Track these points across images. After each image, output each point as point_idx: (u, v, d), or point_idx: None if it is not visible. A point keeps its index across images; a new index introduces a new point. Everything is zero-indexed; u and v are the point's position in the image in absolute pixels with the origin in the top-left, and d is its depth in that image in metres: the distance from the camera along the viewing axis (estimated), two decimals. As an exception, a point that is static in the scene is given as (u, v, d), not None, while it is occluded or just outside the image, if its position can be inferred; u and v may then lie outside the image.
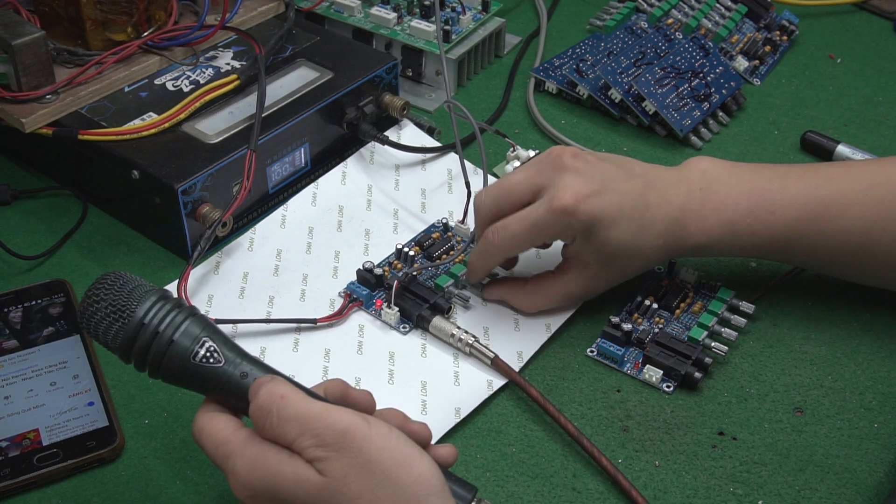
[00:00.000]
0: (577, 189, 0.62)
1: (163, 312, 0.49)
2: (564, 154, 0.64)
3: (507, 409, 0.63)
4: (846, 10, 1.07)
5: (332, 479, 0.45)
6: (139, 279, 0.51)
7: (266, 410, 0.47)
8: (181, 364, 0.49)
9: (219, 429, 0.49)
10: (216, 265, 0.71)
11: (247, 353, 0.51)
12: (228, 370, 0.50)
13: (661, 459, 0.60)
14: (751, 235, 0.65)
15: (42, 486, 0.57)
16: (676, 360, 0.64)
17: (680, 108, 0.85)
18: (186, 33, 0.79)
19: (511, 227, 0.64)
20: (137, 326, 0.49)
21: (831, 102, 0.92)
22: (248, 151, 0.71)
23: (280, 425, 0.47)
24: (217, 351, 0.50)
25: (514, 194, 0.64)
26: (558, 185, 0.62)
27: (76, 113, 0.74)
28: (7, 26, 0.71)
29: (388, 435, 0.47)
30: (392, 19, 0.90)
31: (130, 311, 0.49)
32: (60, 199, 0.78)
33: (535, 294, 0.68)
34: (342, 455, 0.46)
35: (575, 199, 0.62)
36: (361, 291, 0.69)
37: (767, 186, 0.65)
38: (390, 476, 0.46)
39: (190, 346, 0.49)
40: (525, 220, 0.63)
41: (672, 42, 0.91)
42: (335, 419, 0.46)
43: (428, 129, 0.83)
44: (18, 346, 0.64)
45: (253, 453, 0.47)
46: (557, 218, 0.62)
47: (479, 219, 0.66)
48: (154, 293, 0.50)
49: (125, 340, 0.49)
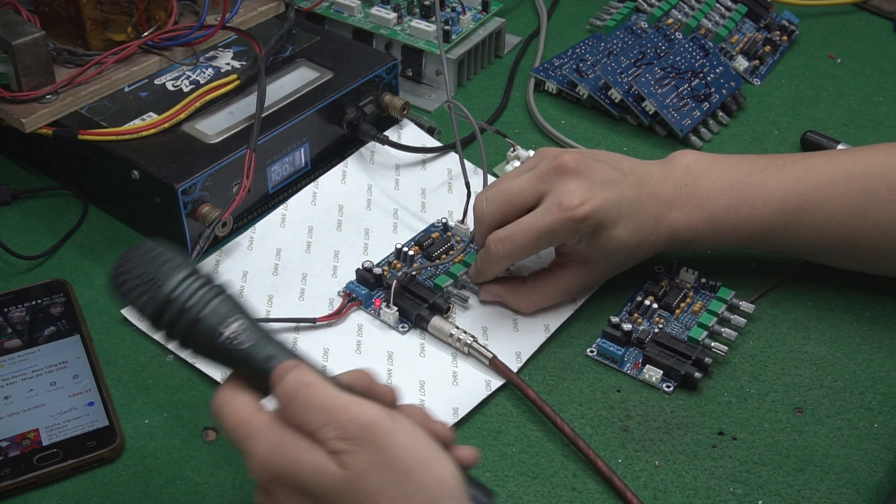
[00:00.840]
0: (582, 194, 0.63)
1: (191, 289, 0.48)
2: (565, 158, 0.64)
3: (506, 409, 0.63)
4: (846, 10, 1.07)
5: (352, 473, 0.45)
6: (174, 252, 0.50)
7: (291, 397, 0.46)
8: (207, 342, 0.48)
9: (240, 407, 0.48)
10: (216, 264, 0.71)
11: (274, 337, 0.50)
12: (253, 352, 0.48)
13: (660, 459, 0.60)
14: (732, 230, 0.67)
15: (42, 486, 0.57)
16: (676, 360, 0.64)
17: (680, 108, 0.85)
18: (186, 33, 0.79)
19: (517, 237, 0.64)
20: (164, 301, 0.48)
21: (831, 102, 0.92)
22: (247, 151, 0.71)
23: (304, 413, 0.46)
24: (243, 332, 0.48)
25: (517, 201, 0.64)
26: (562, 190, 0.63)
27: (76, 113, 0.74)
28: (7, 26, 0.71)
29: (413, 433, 0.46)
30: (392, 19, 0.90)
31: (158, 285, 0.48)
32: (60, 199, 0.78)
33: (534, 292, 0.68)
34: (364, 449, 0.45)
35: (582, 204, 0.62)
36: (360, 291, 0.69)
37: (748, 180, 0.66)
38: (411, 475, 0.45)
39: (216, 325, 0.48)
40: (532, 228, 0.63)
41: (672, 42, 0.91)
42: (360, 412, 0.45)
43: (428, 129, 0.83)
44: (18, 346, 0.64)
45: (275, 437, 0.46)
46: (567, 224, 0.63)
47: (482, 226, 0.66)
48: (185, 268, 0.49)
49: (153, 313, 0.48)
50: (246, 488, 0.58)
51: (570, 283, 0.68)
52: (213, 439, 0.60)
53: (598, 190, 0.63)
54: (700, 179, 0.66)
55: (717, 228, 0.66)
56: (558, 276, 0.68)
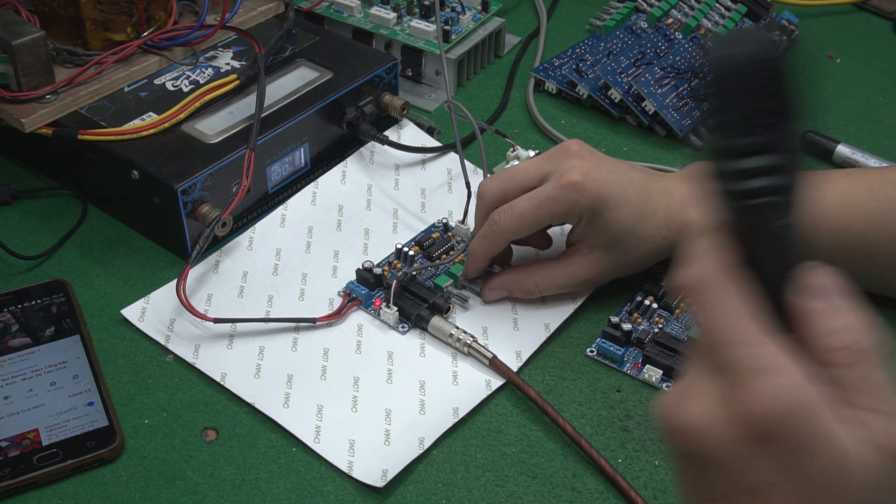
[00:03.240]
0: (584, 171, 0.64)
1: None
2: (570, 142, 0.66)
3: (506, 409, 0.63)
4: (846, 10, 1.07)
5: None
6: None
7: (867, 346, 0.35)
8: (762, 231, 0.35)
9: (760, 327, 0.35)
10: (215, 264, 0.71)
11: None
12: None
13: (660, 459, 0.60)
14: None
15: (42, 486, 0.57)
16: (676, 360, 0.64)
17: (680, 108, 0.85)
18: (186, 33, 0.79)
19: (518, 205, 0.64)
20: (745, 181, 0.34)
21: (831, 102, 0.92)
22: (247, 151, 0.71)
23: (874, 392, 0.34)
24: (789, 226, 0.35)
25: (520, 179, 0.65)
26: (565, 167, 0.64)
27: (76, 113, 0.74)
28: (7, 26, 0.71)
29: None
30: (392, 19, 0.90)
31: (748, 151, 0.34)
32: (60, 199, 0.78)
33: (538, 275, 0.67)
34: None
35: (583, 176, 0.63)
36: (360, 291, 0.69)
37: None
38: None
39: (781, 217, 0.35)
40: (533, 198, 0.64)
41: (672, 42, 0.91)
42: None
43: (428, 129, 0.84)
44: (18, 346, 0.64)
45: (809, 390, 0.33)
46: (566, 194, 0.63)
47: (483, 204, 0.66)
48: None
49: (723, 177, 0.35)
50: (246, 488, 0.58)
51: (574, 271, 0.67)
52: (213, 439, 0.60)
53: (602, 171, 0.64)
54: None
55: None
56: (563, 263, 0.68)
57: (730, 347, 0.34)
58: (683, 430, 0.35)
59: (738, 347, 0.34)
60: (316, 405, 0.62)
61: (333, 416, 0.61)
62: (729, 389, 0.34)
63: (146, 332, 0.66)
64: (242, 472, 0.59)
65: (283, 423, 0.61)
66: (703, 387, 0.35)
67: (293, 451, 0.60)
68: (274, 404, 0.62)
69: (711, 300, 0.35)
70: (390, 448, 0.59)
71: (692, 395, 0.35)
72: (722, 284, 0.35)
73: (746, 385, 0.33)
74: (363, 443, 0.60)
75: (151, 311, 0.67)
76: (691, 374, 0.36)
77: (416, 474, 0.59)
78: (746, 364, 0.34)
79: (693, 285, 0.36)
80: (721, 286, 0.35)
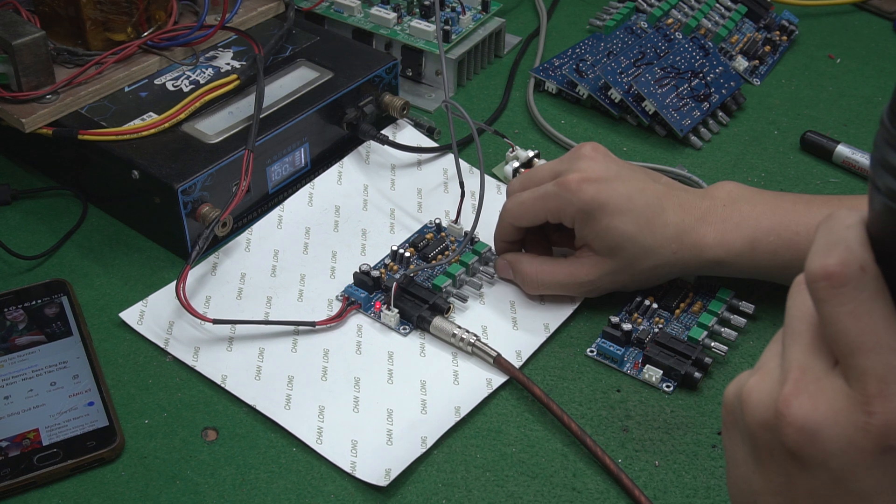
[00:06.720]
0: (585, 173, 0.65)
1: None
2: (585, 146, 0.68)
3: (506, 409, 0.63)
4: (846, 10, 1.07)
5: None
6: None
7: None
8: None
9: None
10: (214, 266, 0.71)
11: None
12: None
13: (661, 459, 0.60)
14: (772, 254, 0.64)
15: (42, 486, 0.57)
16: (676, 360, 0.64)
17: (680, 108, 0.85)
18: (186, 33, 0.79)
19: (522, 195, 0.68)
20: None
21: (831, 102, 0.92)
22: (245, 151, 0.71)
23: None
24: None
25: (537, 177, 0.69)
26: (572, 168, 0.66)
27: (76, 113, 0.74)
28: (7, 26, 0.71)
29: None
30: (392, 19, 0.90)
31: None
32: (60, 199, 0.78)
33: (542, 266, 0.68)
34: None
35: (579, 179, 0.65)
36: (359, 294, 0.69)
37: (792, 208, 0.65)
38: None
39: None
40: (535, 191, 0.67)
41: (672, 42, 0.91)
42: None
43: (428, 129, 0.83)
44: (18, 346, 0.64)
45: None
46: (560, 193, 0.65)
47: (507, 195, 0.71)
48: None
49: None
50: (246, 488, 0.58)
51: (577, 270, 0.67)
52: (214, 439, 0.60)
53: (604, 175, 0.65)
54: (741, 203, 0.66)
55: (755, 250, 0.64)
56: (568, 261, 0.68)
57: (874, 353, 0.32)
58: (802, 427, 0.33)
59: (884, 354, 0.32)
60: (317, 406, 0.62)
61: (335, 417, 0.61)
62: (863, 396, 0.32)
63: (145, 335, 0.66)
64: (243, 472, 0.59)
65: (285, 425, 0.61)
66: (828, 386, 0.33)
67: (293, 450, 0.60)
68: (275, 406, 0.62)
69: (856, 297, 0.33)
70: (393, 448, 0.60)
71: (815, 393, 0.34)
72: (874, 283, 0.33)
73: (888, 397, 0.32)
74: (366, 443, 0.60)
75: (150, 314, 0.67)
76: (806, 368, 0.34)
77: (417, 474, 0.59)
78: (893, 375, 0.32)
79: (832, 276, 0.33)
80: (873, 284, 0.32)
